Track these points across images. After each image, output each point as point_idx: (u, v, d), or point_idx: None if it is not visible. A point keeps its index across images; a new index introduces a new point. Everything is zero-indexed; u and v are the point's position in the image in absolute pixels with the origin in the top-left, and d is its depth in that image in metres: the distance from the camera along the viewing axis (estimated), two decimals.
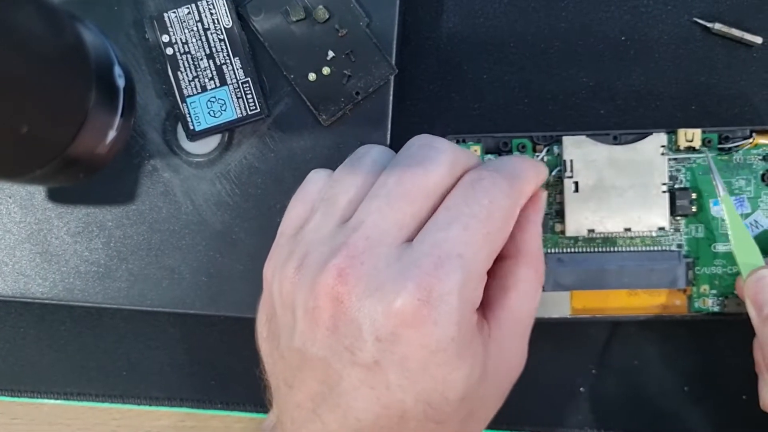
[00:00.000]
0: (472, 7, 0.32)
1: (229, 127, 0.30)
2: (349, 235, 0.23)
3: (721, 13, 0.32)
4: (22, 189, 0.31)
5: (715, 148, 0.30)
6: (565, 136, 0.30)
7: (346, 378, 0.23)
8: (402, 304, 0.22)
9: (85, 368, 0.34)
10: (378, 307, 0.22)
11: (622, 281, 0.30)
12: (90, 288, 0.31)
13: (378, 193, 0.24)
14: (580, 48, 0.32)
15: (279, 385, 0.25)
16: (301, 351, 0.23)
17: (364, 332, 0.22)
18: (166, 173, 0.31)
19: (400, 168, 0.24)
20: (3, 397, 0.34)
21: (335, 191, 0.25)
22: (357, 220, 0.23)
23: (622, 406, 0.32)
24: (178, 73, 0.30)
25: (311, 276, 0.23)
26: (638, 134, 0.30)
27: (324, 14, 0.29)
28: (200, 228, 0.31)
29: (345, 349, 0.22)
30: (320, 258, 0.23)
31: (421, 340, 0.22)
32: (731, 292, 0.30)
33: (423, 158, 0.24)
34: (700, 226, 0.30)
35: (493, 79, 0.32)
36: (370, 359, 0.22)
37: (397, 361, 0.22)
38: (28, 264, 0.31)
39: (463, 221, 0.23)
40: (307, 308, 0.23)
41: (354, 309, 0.22)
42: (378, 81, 0.30)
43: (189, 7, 0.29)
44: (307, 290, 0.23)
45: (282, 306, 0.24)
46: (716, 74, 0.32)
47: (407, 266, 0.22)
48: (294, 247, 0.24)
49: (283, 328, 0.24)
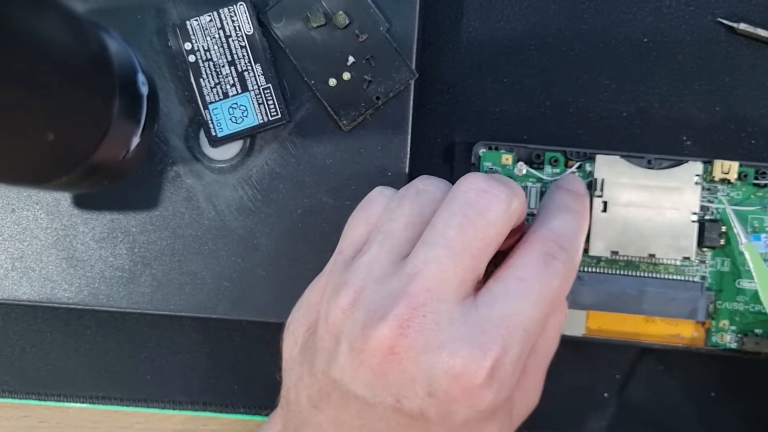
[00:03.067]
0: (492, 11, 0.32)
1: (250, 133, 0.30)
2: (408, 283, 0.23)
3: (746, 13, 0.31)
4: (48, 195, 0.31)
5: (751, 183, 0.30)
6: (598, 155, 0.30)
7: (385, 420, 0.23)
8: (466, 369, 0.22)
9: (109, 372, 0.34)
10: (438, 365, 0.22)
11: (641, 307, 0.29)
12: (115, 293, 0.31)
13: (438, 242, 0.23)
14: (602, 50, 0.32)
15: (300, 399, 0.25)
16: (338, 383, 0.23)
17: (417, 385, 0.22)
18: (189, 179, 0.31)
19: (461, 217, 0.23)
20: (30, 401, 0.35)
21: (393, 225, 0.25)
22: (415, 267, 0.23)
23: (646, 412, 0.32)
24: (201, 80, 0.30)
25: (365, 317, 0.23)
26: (674, 161, 0.29)
27: (344, 20, 0.30)
28: (222, 233, 0.31)
29: (390, 395, 0.22)
30: (377, 302, 0.23)
31: (473, 404, 0.22)
32: (751, 330, 0.30)
33: (484, 208, 0.23)
34: (726, 260, 0.30)
35: (513, 82, 0.32)
36: (416, 410, 0.22)
37: (443, 415, 0.22)
38: (55, 269, 0.31)
39: (534, 298, 0.23)
40: (354, 347, 0.23)
41: (409, 362, 0.22)
42: (398, 86, 0.30)
43: (211, 14, 0.30)
44: (359, 330, 0.23)
45: (325, 330, 0.24)
46: (741, 75, 0.31)
47: (474, 331, 0.22)
48: (348, 277, 0.24)
49: (320, 350, 0.24)
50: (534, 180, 0.30)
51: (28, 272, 0.31)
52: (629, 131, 0.32)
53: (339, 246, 0.26)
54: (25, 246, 0.31)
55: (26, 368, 0.34)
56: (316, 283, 0.26)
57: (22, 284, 0.31)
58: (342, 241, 0.26)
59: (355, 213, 0.27)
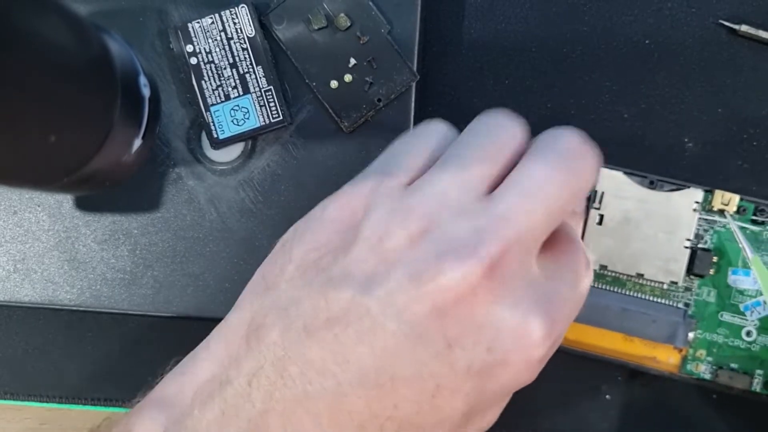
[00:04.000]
0: (494, 13, 0.32)
1: (252, 135, 0.30)
2: (500, 225, 0.20)
3: (748, 15, 0.31)
4: (50, 197, 0.31)
5: (749, 219, 0.30)
6: (602, 169, 0.29)
7: (416, 366, 0.20)
8: (533, 335, 0.20)
9: (111, 374, 0.34)
10: (510, 321, 0.20)
11: (621, 324, 0.29)
12: (116, 295, 0.31)
13: (537, 194, 0.21)
14: (603, 52, 0.32)
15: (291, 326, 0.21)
16: (373, 312, 0.20)
17: (481, 336, 0.20)
18: (191, 181, 0.31)
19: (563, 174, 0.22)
20: (32, 403, 0.35)
21: (468, 156, 0.22)
22: (507, 210, 0.21)
23: (648, 414, 0.32)
24: (202, 82, 0.30)
25: (442, 248, 0.20)
26: (675, 185, 0.29)
27: (345, 22, 0.30)
28: (224, 235, 0.31)
29: (443, 338, 0.20)
30: (460, 235, 0.20)
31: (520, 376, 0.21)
32: (727, 364, 0.30)
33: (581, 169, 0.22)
34: (713, 291, 0.30)
35: (515, 84, 0.32)
36: (464, 362, 0.20)
37: (485, 376, 0.20)
38: (56, 271, 0.31)
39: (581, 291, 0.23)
40: (421, 278, 0.20)
41: (483, 308, 0.20)
42: (399, 88, 0.30)
43: (213, 17, 0.30)
44: (432, 260, 0.20)
45: (371, 251, 0.21)
46: (742, 77, 0.31)
47: (546, 299, 0.21)
48: (414, 201, 0.21)
49: (353, 273, 0.21)
50: None
51: (29, 274, 0.31)
52: (631, 133, 0.32)
53: (385, 168, 0.23)
54: (27, 248, 0.31)
55: (28, 370, 0.34)
56: (342, 200, 0.23)
57: (24, 286, 0.31)
58: (388, 164, 0.23)
59: (408, 139, 0.24)
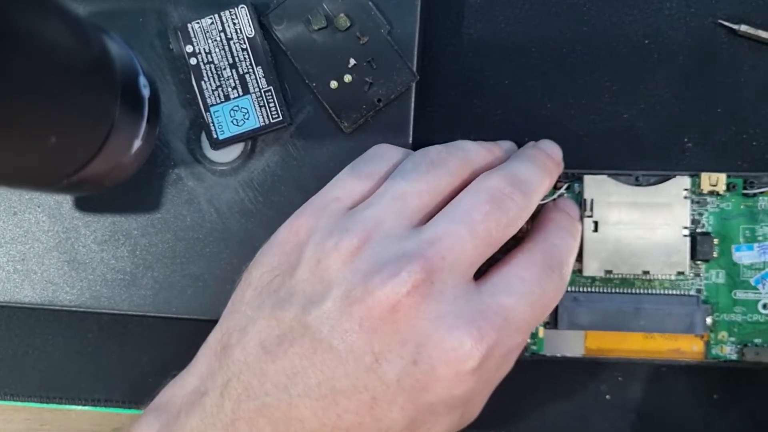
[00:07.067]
0: (493, 13, 0.32)
1: (252, 135, 0.30)
2: (424, 248, 0.22)
3: (747, 14, 0.31)
4: (50, 198, 0.31)
5: (740, 194, 0.30)
6: (586, 175, 0.30)
7: (351, 379, 0.22)
8: (460, 348, 0.21)
9: (111, 375, 0.34)
10: (434, 334, 0.21)
11: (638, 324, 0.29)
12: (116, 296, 0.31)
13: (463, 220, 0.23)
14: (603, 52, 0.32)
15: (246, 345, 0.23)
16: (313, 329, 0.22)
17: (405, 351, 0.21)
18: (191, 182, 0.31)
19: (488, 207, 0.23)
20: (32, 404, 0.35)
21: (407, 188, 0.24)
22: (434, 234, 0.23)
23: (648, 414, 0.32)
24: (202, 82, 0.30)
25: (370, 268, 0.22)
26: (661, 176, 0.30)
27: (345, 22, 0.30)
28: (224, 236, 0.31)
29: (371, 353, 0.22)
30: (387, 257, 0.22)
31: (453, 386, 0.22)
32: (750, 341, 0.30)
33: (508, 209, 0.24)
34: (721, 272, 0.30)
35: (515, 84, 0.32)
36: (392, 375, 0.21)
37: (417, 389, 0.22)
38: (56, 272, 0.31)
39: (531, 301, 0.24)
40: (349, 296, 0.22)
41: (406, 323, 0.22)
42: (399, 88, 0.30)
43: (212, 17, 0.30)
44: (360, 280, 0.22)
45: (312, 273, 0.23)
46: (742, 76, 0.31)
47: (475, 313, 0.22)
48: (352, 225, 0.23)
49: (298, 294, 0.23)
50: None
51: (29, 275, 0.31)
52: (630, 133, 0.32)
53: (331, 192, 0.25)
54: (26, 249, 0.31)
55: (28, 371, 0.34)
56: (291, 224, 0.25)
57: (24, 287, 0.31)
58: (335, 188, 0.25)
59: (357, 165, 0.26)
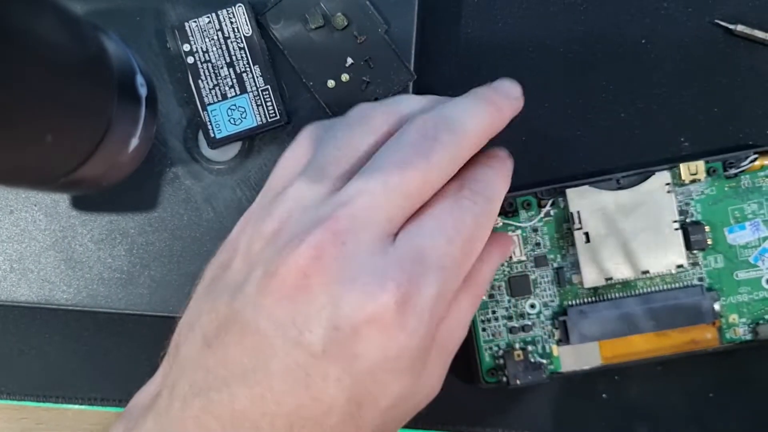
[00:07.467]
0: (491, 13, 0.32)
1: (249, 134, 0.30)
2: (335, 209, 0.22)
3: (744, 14, 0.31)
4: (46, 197, 0.31)
5: (721, 177, 0.30)
6: (568, 189, 0.30)
7: (281, 357, 0.21)
8: (377, 303, 0.21)
9: (108, 374, 0.34)
10: (349, 296, 0.21)
11: (649, 324, 0.29)
12: (113, 294, 0.31)
13: (374, 176, 0.22)
14: (600, 52, 0.32)
15: (193, 341, 0.23)
16: (239, 314, 0.21)
17: (323, 317, 0.21)
18: (188, 180, 0.31)
19: (404, 155, 0.22)
20: (28, 402, 0.35)
21: (327, 158, 0.24)
22: (347, 195, 0.22)
23: (645, 413, 0.32)
24: (199, 81, 0.30)
25: (284, 243, 0.22)
26: (641, 174, 0.29)
27: (342, 21, 0.30)
28: (221, 234, 0.31)
29: (294, 326, 0.21)
30: (300, 226, 0.22)
31: (382, 344, 0.21)
32: (762, 318, 0.30)
33: (428, 150, 0.22)
34: (718, 257, 0.30)
35: None
36: (317, 345, 0.21)
37: (347, 356, 0.21)
38: (53, 271, 0.31)
39: (448, 235, 0.22)
40: (267, 272, 0.21)
41: (320, 289, 0.21)
42: (397, 87, 0.30)
43: (209, 16, 0.30)
44: (275, 254, 0.21)
45: (243, 262, 0.23)
46: (739, 76, 0.31)
47: (390, 265, 0.21)
48: (273, 207, 0.23)
49: (230, 283, 0.23)
50: (513, 228, 0.31)
51: (26, 274, 0.31)
52: (628, 132, 0.32)
53: (267, 183, 0.25)
54: (23, 247, 0.31)
55: (24, 370, 0.34)
56: (240, 222, 0.25)
57: (21, 286, 0.31)
58: (270, 178, 0.25)
59: (288, 150, 0.26)
